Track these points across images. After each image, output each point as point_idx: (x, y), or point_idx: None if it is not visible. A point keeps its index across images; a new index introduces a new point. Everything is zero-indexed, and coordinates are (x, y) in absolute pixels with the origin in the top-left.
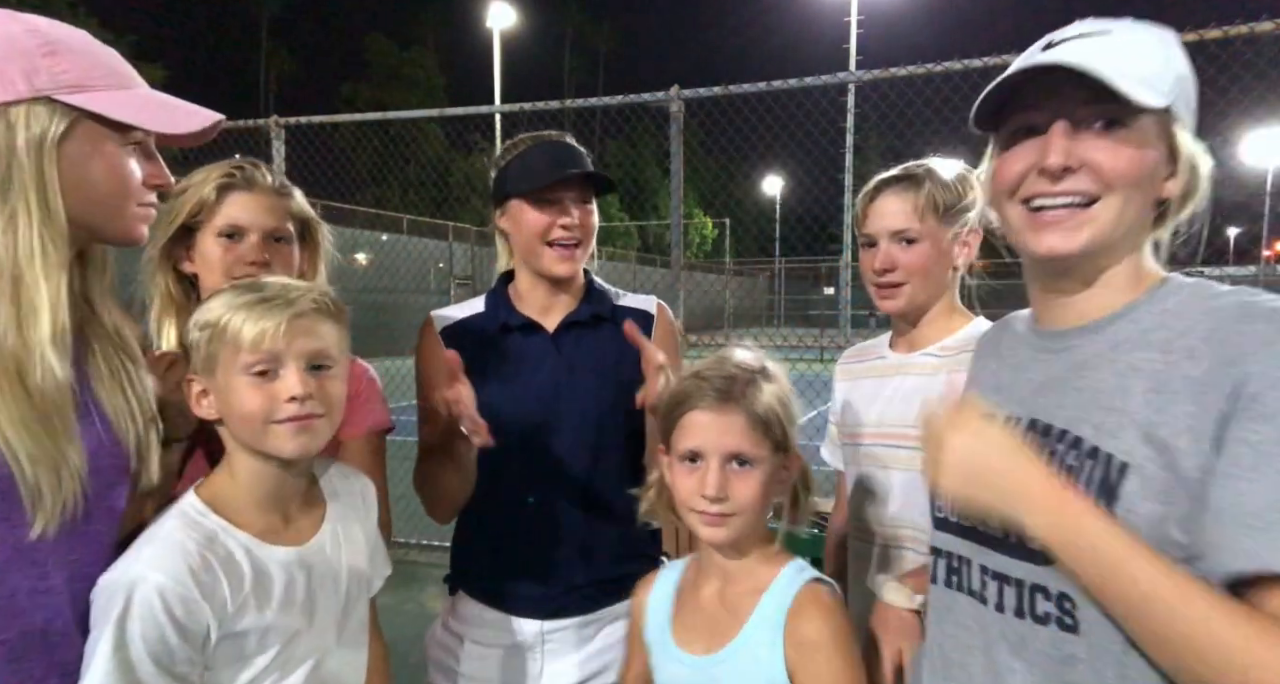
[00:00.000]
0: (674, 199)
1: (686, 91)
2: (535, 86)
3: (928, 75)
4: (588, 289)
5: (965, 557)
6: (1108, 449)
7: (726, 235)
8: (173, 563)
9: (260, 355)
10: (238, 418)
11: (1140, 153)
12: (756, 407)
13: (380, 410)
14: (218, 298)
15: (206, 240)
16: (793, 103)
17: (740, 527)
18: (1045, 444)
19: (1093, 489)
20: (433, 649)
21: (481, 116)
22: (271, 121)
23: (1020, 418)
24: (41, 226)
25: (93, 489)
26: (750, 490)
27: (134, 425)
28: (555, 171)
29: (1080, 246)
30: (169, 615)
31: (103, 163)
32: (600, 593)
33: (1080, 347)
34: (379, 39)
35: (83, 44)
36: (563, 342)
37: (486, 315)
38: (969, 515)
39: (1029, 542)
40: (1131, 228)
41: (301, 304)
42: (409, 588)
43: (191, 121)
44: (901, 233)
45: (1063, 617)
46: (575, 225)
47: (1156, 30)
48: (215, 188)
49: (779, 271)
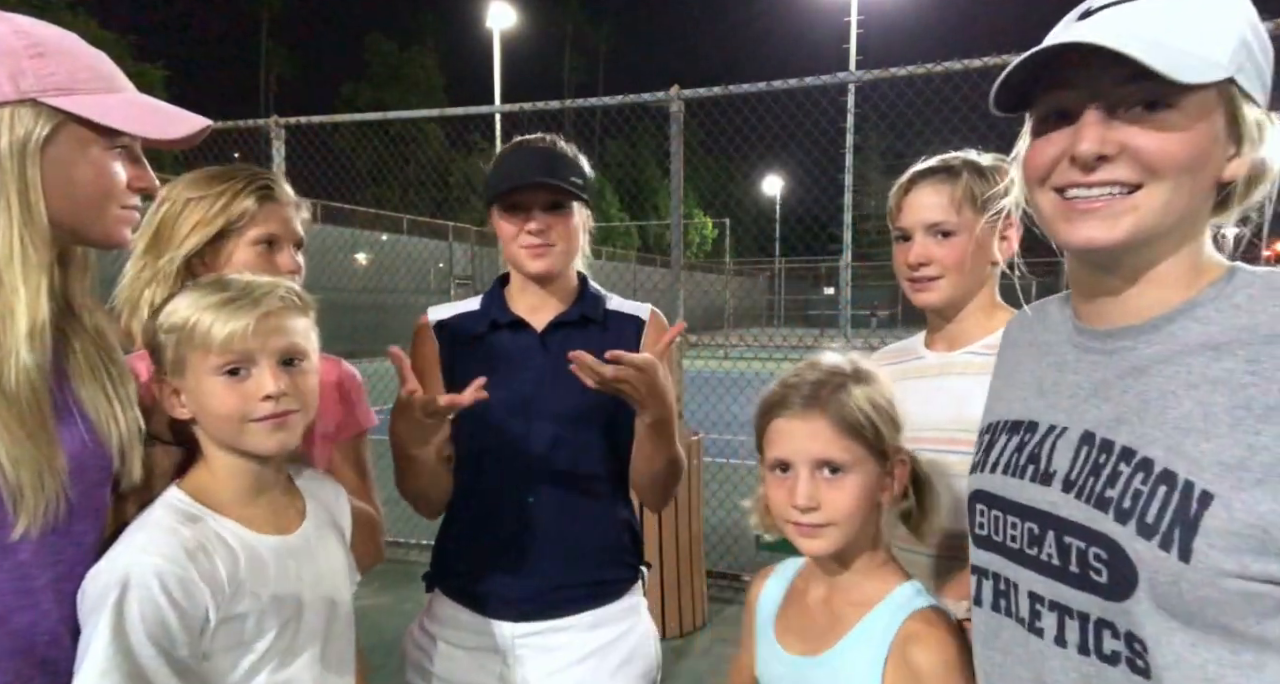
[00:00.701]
0: (674, 199)
1: (686, 91)
2: (535, 86)
3: (928, 75)
4: (581, 291)
5: (1013, 580)
6: (1186, 475)
7: (726, 235)
8: (168, 546)
9: (232, 356)
10: (213, 418)
11: (1190, 135)
12: (844, 410)
13: (368, 412)
14: (182, 299)
15: (240, 248)
16: (793, 103)
17: (838, 537)
18: (1104, 464)
19: (1165, 520)
20: (410, 648)
21: (481, 116)
22: (271, 121)
23: (1066, 428)
24: (22, 228)
25: (76, 490)
26: (844, 499)
27: (116, 426)
28: (514, 179)
29: (1122, 238)
30: (168, 597)
31: (87, 166)
32: (574, 597)
33: (1136, 349)
34: (379, 39)
35: (71, 46)
36: (550, 341)
37: (479, 313)
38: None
39: (1093, 573)
40: (1185, 216)
41: (269, 302)
42: (408, 588)
43: (178, 127)
44: (937, 226)
45: (1134, 658)
46: (542, 231)
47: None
48: (257, 198)
49: (779, 271)
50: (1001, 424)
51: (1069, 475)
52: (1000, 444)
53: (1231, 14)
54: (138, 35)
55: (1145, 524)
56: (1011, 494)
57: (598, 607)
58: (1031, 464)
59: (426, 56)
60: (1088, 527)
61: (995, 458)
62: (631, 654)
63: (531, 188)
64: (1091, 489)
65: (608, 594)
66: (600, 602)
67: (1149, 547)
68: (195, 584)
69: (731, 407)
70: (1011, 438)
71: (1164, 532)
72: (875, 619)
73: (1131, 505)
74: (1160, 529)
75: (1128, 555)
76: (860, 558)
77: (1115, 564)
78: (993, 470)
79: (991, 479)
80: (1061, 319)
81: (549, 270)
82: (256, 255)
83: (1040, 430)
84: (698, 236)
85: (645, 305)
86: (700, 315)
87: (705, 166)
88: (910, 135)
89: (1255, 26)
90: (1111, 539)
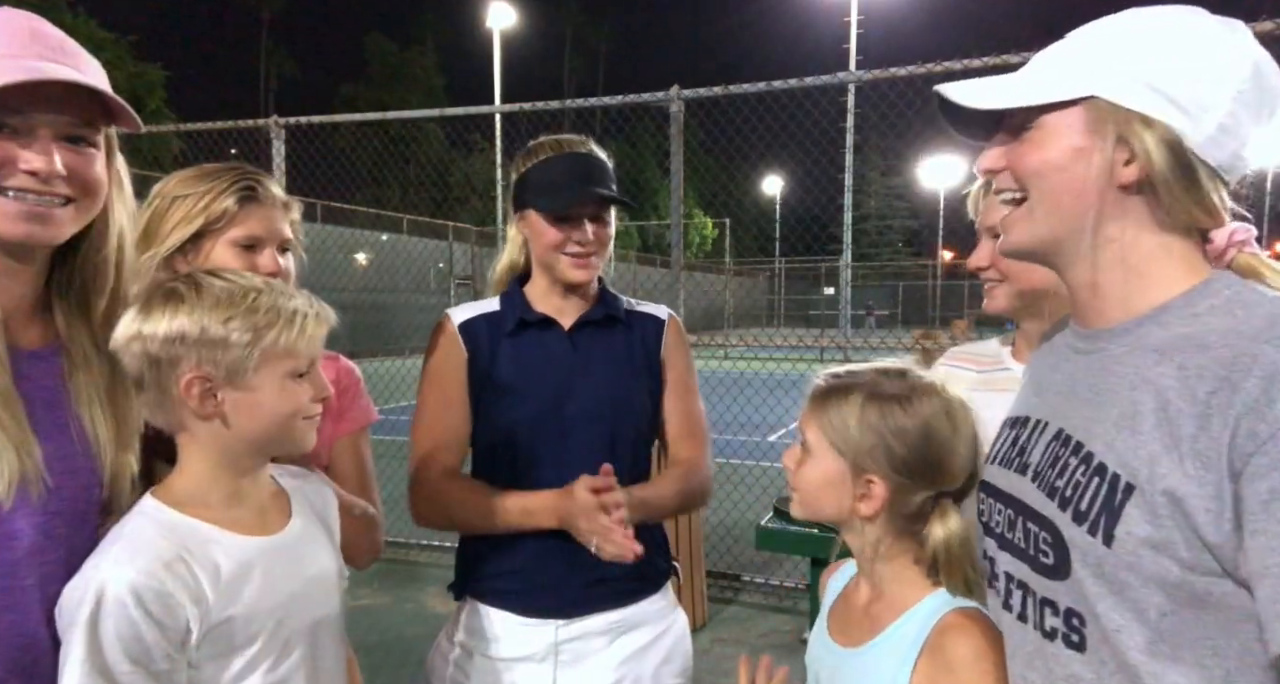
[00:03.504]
0: (674, 199)
1: (686, 91)
2: (535, 86)
3: (928, 75)
4: (601, 293)
5: (997, 561)
6: (1115, 468)
7: (726, 235)
8: (143, 558)
9: (305, 360)
10: (269, 417)
11: (1040, 148)
12: (833, 415)
13: (369, 407)
14: (230, 308)
15: (220, 249)
16: (793, 103)
17: (797, 507)
18: (1062, 457)
19: (1095, 508)
20: (438, 663)
21: (481, 116)
22: (271, 121)
23: (1047, 424)
24: None
25: (60, 486)
26: (806, 475)
27: (111, 452)
28: (574, 193)
29: (1013, 244)
30: (143, 611)
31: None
32: (613, 593)
33: (1107, 350)
34: (379, 39)
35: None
36: (578, 338)
37: (503, 313)
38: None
39: (1042, 555)
40: (1087, 223)
41: (323, 314)
42: (409, 588)
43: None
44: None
45: (1069, 633)
46: (590, 241)
47: (1108, 19)
48: (238, 199)
49: (779, 271)
50: (1010, 421)
51: (1037, 466)
52: (1002, 438)
53: (1102, 37)
54: (138, 35)
55: (1079, 512)
56: (1000, 483)
57: (636, 602)
58: (1018, 456)
59: (426, 56)
60: (1040, 513)
61: (995, 451)
62: (670, 654)
63: (589, 202)
64: (1048, 479)
65: (645, 589)
66: (639, 596)
67: (1079, 532)
68: (172, 597)
69: (731, 407)
70: (1010, 432)
71: (1092, 519)
72: (908, 621)
73: (1071, 494)
74: (1090, 516)
75: (1064, 539)
76: (893, 567)
77: (1056, 546)
78: (993, 462)
79: (991, 470)
80: (1071, 325)
81: (590, 280)
82: (235, 256)
83: (1029, 425)
84: (698, 236)
85: (662, 307)
86: (700, 315)
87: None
88: (910, 135)
89: (1146, 39)
90: (1054, 524)
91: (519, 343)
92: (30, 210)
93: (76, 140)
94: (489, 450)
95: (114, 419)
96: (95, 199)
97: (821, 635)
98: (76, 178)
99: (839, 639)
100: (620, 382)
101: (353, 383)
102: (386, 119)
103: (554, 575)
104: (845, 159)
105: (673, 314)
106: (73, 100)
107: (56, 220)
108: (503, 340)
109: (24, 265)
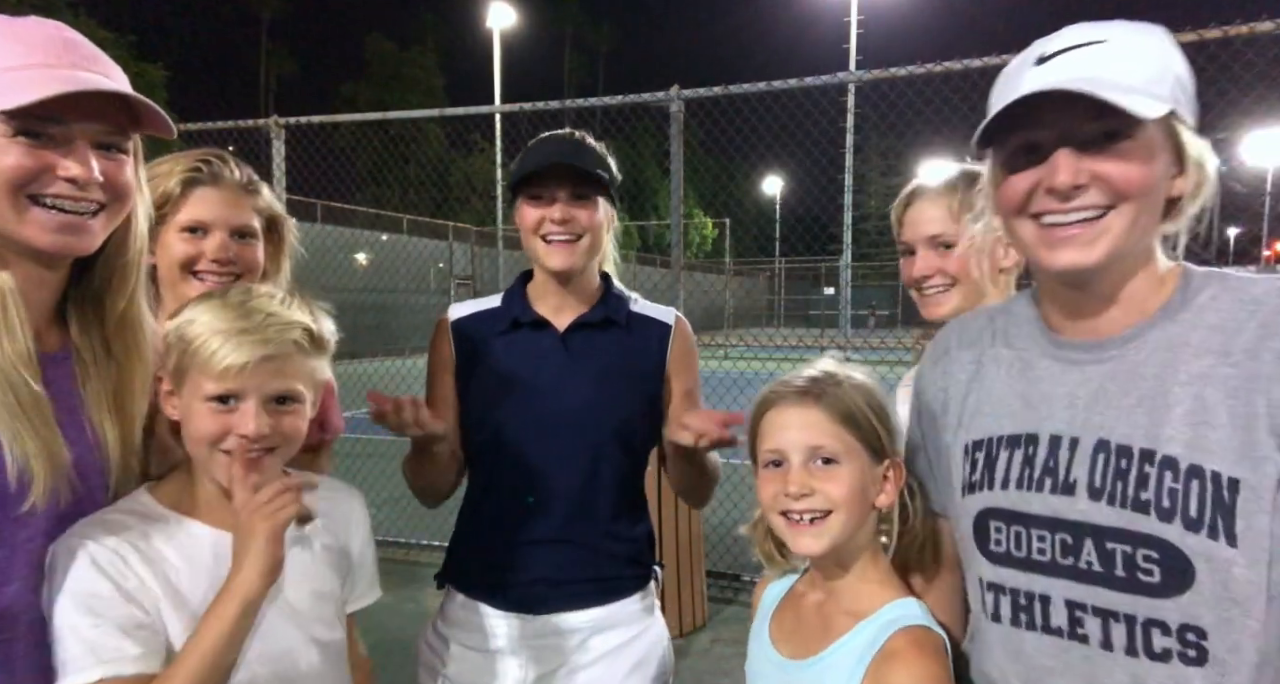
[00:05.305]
0: (674, 199)
1: (686, 91)
2: (535, 86)
3: (928, 75)
4: (605, 292)
5: (1040, 593)
6: (1212, 466)
7: (726, 235)
8: (104, 530)
9: (225, 387)
10: (189, 435)
11: (1149, 162)
12: (839, 402)
13: (334, 419)
14: (202, 310)
15: (169, 234)
16: (793, 103)
17: (836, 529)
18: (1128, 468)
19: (1207, 512)
20: (423, 650)
21: (481, 116)
22: (271, 121)
23: (1076, 438)
24: None
25: (79, 501)
26: (839, 487)
27: (118, 450)
28: (539, 161)
29: (1098, 259)
30: (97, 569)
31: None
32: (589, 592)
33: (1125, 356)
34: (379, 39)
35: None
36: (571, 341)
37: (500, 311)
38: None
39: (1142, 574)
40: (1146, 231)
41: (280, 343)
42: (409, 588)
43: (26, 94)
44: (938, 238)
45: (1185, 650)
46: (566, 220)
47: (1149, 31)
48: (180, 182)
49: (779, 271)
50: (996, 440)
51: (1093, 483)
52: (1003, 460)
53: (1166, 55)
54: (138, 35)
55: (1190, 519)
56: (1034, 508)
57: (610, 602)
58: (1049, 476)
59: (426, 56)
60: (1130, 531)
61: (1002, 474)
62: (645, 657)
63: (556, 174)
64: (1123, 494)
65: (620, 590)
66: (613, 597)
67: (1199, 539)
68: (129, 565)
69: (731, 406)
70: (1014, 452)
71: (1209, 523)
72: (862, 632)
73: (1171, 504)
74: (1205, 521)
75: (1181, 551)
76: (859, 564)
77: (1168, 562)
78: (1004, 487)
79: (1005, 495)
80: (1029, 333)
81: (570, 267)
82: (182, 241)
83: (1043, 442)
84: (697, 236)
85: (670, 309)
86: (700, 315)
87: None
88: (910, 135)
89: (1183, 63)
90: (1161, 539)
91: (510, 343)
92: (65, 222)
93: (108, 147)
94: (478, 449)
95: (120, 422)
96: (125, 204)
97: (764, 649)
98: (110, 184)
99: (784, 650)
100: (608, 388)
101: (325, 392)
102: (386, 119)
103: (523, 573)
104: (845, 159)
105: (680, 318)
106: (106, 108)
107: (90, 231)
108: (495, 339)
109: (52, 273)
